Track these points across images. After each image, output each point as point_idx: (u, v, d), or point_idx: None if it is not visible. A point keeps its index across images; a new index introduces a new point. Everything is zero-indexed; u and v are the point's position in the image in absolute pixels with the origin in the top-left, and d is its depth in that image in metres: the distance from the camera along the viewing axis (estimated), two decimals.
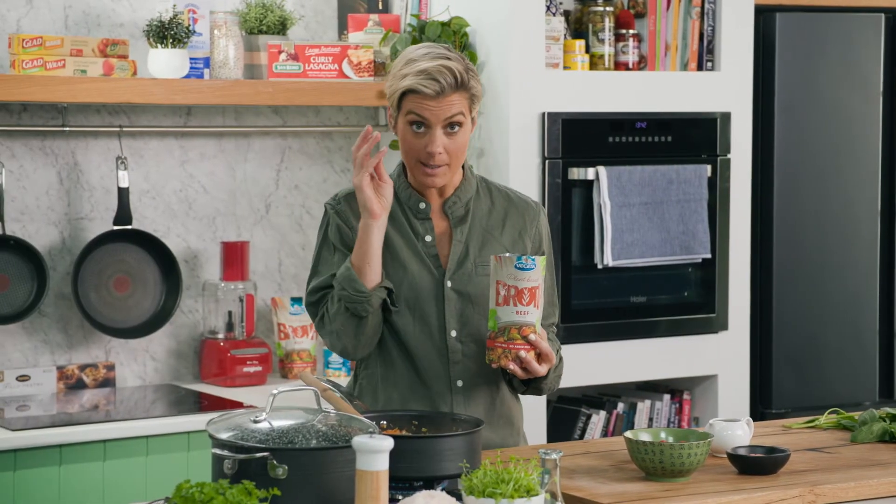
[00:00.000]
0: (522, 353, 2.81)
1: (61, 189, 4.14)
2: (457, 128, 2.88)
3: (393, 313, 2.94)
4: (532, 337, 2.80)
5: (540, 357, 2.83)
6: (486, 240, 2.99)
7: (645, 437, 2.76)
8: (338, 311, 2.90)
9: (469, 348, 2.95)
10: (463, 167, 3.01)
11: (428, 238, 2.96)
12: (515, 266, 2.78)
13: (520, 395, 3.08)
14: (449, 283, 2.95)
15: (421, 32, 4.23)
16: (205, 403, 3.99)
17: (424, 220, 2.97)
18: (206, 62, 4.12)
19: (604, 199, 4.23)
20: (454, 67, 2.86)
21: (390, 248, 2.95)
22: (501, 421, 3.02)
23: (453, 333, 2.94)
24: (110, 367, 4.18)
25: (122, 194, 4.10)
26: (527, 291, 2.79)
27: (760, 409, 4.62)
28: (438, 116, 2.87)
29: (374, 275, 2.88)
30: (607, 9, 4.39)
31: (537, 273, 2.79)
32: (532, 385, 2.99)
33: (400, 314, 2.94)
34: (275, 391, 2.43)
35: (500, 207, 3.03)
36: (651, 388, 4.59)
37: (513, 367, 2.82)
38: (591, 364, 4.26)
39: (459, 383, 2.95)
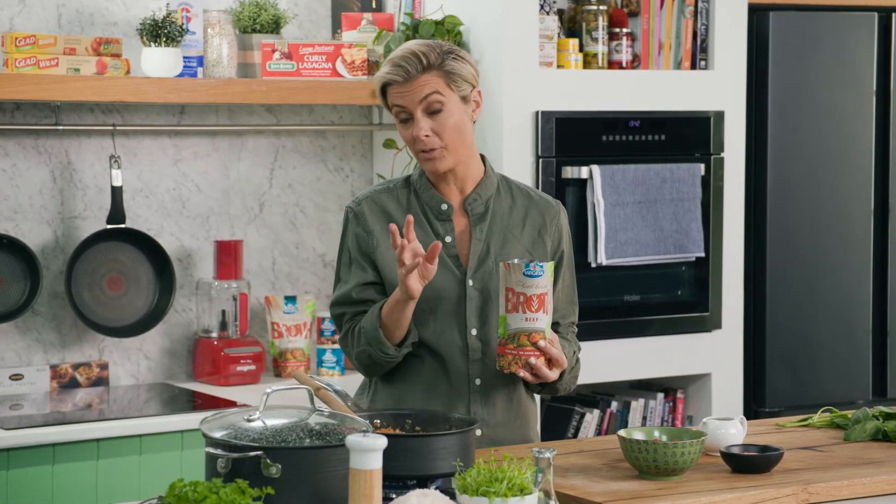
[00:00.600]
0: (532, 360, 2.82)
1: (54, 188, 4.14)
2: (438, 109, 2.89)
3: (414, 315, 2.94)
4: (542, 343, 2.81)
5: (550, 362, 2.84)
6: (507, 238, 2.99)
7: (638, 435, 2.76)
8: (362, 354, 2.96)
9: (488, 347, 2.96)
10: (484, 164, 3.02)
11: (448, 239, 2.97)
12: (524, 273, 2.79)
13: (534, 394, 3.10)
14: (471, 282, 2.95)
15: (415, 31, 4.23)
16: (198, 402, 3.99)
17: (445, 221, 2.98)
18: (200, 61, 4.12)
19: (597, 197, 4.23)
20: (416, 50, 2.90)
21: None
22: (518, 420, 3.02)
23: (473, 332, 2.95)
24: (104, 366, 4.18)
25: (116, 193, 4.10)
26: (535, 298, 2.80)
27: (754, 407, 4.63)
28: (413, 101, 2.89)
29: (402, 333, 2.92)
30: (601, 7, 4.39)
31: (545, 279, 2.80)
32: (547, 386, 3.00)
33: (420, 314, 2.94)
34: (268, 390, 2.43)
35: (521, 206, 3.04)
36: (645, 387, 4.60)
37: (523, 373, 2.83)
38: (584, 363, 4.23)
39: (478, 382, 2.96)
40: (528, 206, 3.04)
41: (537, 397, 4.15)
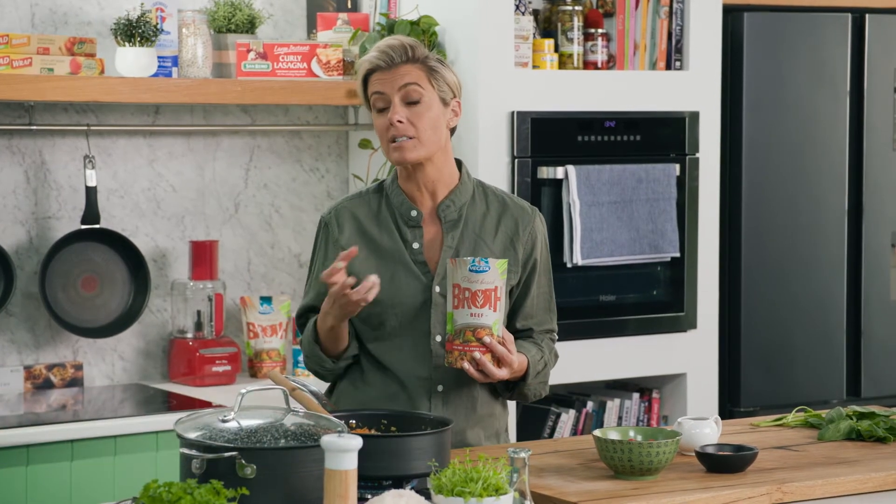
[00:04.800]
0: (477, 355, 2.81)
1: (28, 188, 4.12)
2: (416, 99, 2.90)
3: (378, 318, 2.95)
4: (486, 339, 2.80)
5: (499, 361, 2.84)
6: (478, 245, 2.98)
7: (614, 435, 2.77)
8: (307, 362, 3.03)
9: None
10: (460, 170, 3.02)
11: (416, 245, 2.96)
12: (469, 269, 2.78)
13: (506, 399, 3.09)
14: (437, 289, 2.94)
15: (390, 31, 4.22)
16: (173, 403, 3.98)
17: (414, 228, 2.98)
18: (175, 61, 4.11)
19: (573, 198, 4.23)
20: (403, 41, 2.94)
21: (378, 254, 2.96)
22: (480, 424, 3.02)
23: (437, 338, 2.94)
24: (78, 367, 4.16)
25: (90, 193, 4.08)
26: (480, 294, 2.79)
27: (729, 407, 4.64)
28: (393, 86, 2.91)
29: (340, 346, 2.96)
30: (576, 8, 4.40)
31: (492, 275, 2.79)
32: (515, 391, 3.00)
33: (385, 319, 2.94)
34: (243, 390, 2.42)
35: (495, 212, 3.03)
36: (620, 387, 4.61)
37: (467, 366, 2.82)
38: (560, 363, 4.23)
39: (440, 388, 2.96)
40: (501, 213, 3.03)
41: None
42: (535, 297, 3.05)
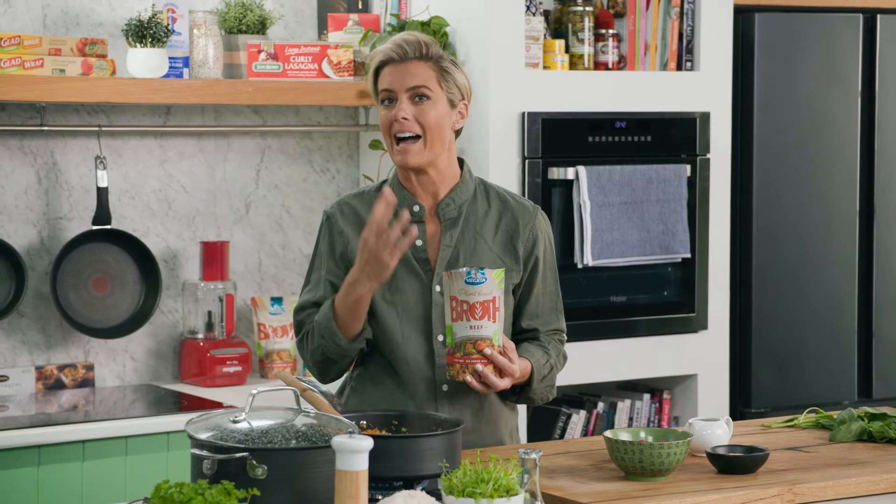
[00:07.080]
0: (479, 367, 2.81)
1: (40, 189, 4.13)
2: (424, 99, 2.90)
3: (380, 319, 2.94)
4: (487, 351, 2.80)
5: (501, 371, 2.83)
6: (478, 244, 2.97)
7: (624, 436, 2.77)
8: (316, 350, 2.95)
9: None
10: (462, 168, 3.01)
11: (418, 242, 2.96)
12: (465, 281, 2.78)
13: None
14: (437, 288, 2.94)
15: (401, 32, 4.22)
16: (184, 403, 3.98)
17: (417, 224, 2.96)
18: (186, 61, 4.11)
19: (583, 198, 4.23)
20: (420, 37, 2.93)
21: None
22: (489, 426, 3.01)
23: (440, 338, 2.94)
24: (89, 368, 4.17)
25: (101, 194, 4.09)
26: (479, 305, 2.78)
27: (740, 408, 4.64)
28: (403, 83, 2.90)
29: (357, 327, 2.91)
30: (587, 9, 4.40)
31: (490, 286, 2.78)
32: (521, 395, 2.99)
33: (387, 318, 2.94)
34: (254, 391, 2.43)
35: (496, 211, 3.02)
36: (631, 388, 4.60)
37: (470, 379, 2.82)
38: (571, 364, 4.22)
39: (445, 388, 2.95)
40: (502, 212, 3.02)
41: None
42: (541, 296, 3.03)
